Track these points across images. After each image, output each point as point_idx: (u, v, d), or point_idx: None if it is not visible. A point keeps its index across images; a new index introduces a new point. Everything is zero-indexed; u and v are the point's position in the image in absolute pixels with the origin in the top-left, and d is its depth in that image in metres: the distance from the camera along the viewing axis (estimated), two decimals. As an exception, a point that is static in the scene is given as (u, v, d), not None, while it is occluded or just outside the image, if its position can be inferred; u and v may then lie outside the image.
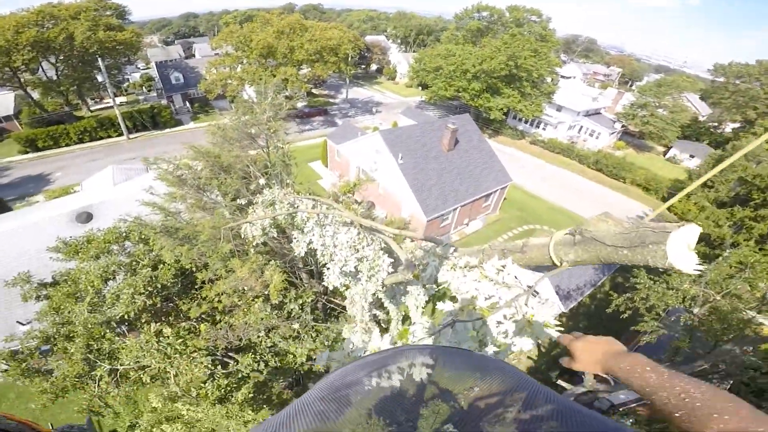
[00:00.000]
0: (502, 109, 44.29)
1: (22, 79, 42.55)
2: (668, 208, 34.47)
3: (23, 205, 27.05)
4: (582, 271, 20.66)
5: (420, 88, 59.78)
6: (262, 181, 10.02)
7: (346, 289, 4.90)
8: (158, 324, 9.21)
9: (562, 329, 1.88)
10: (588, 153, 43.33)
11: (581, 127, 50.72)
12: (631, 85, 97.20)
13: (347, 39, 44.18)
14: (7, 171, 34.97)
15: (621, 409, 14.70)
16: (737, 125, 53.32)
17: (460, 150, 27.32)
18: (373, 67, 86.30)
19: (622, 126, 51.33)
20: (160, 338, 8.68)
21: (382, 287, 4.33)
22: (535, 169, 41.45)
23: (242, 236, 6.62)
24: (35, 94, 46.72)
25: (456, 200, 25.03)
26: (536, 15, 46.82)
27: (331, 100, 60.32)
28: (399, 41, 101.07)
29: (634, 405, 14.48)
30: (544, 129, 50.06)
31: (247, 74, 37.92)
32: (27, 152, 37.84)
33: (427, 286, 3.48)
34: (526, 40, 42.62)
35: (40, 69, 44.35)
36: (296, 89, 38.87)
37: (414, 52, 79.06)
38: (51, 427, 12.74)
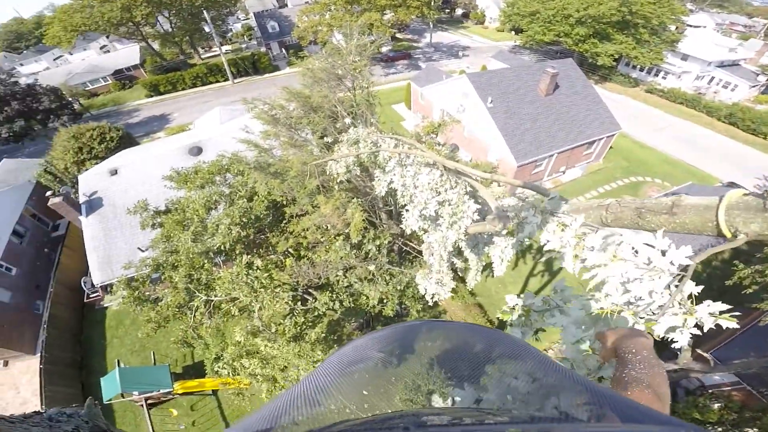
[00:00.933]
0: (612, 55, 39.46)
1: (143, 32, 48.07)
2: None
3: (148, 140, 31.13)
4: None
5: (513, 32, 54.88)
6: (348, 120, 10.02)
7: (424, 233, 4.62)
8: (249, 256, 9.94)
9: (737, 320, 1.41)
10: (719, 105, 36.97)
11: (712, 78, 43.38)
12: (784, 38, 78.50)
13: None
14: (136, 112, 40.96)
15: (711, 391, 13.65)
16: None
17: (560, 95, 24.83)
18: (459, 11, 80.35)
19: (768, 79, 42.48)
20: (249, 271, 9.09)
21: (465, 236, 3.93)
22: (650, 118, 36.50)
23: (327, 173, 6.67)
24: (155, 45, 52.70)
25: (552, 146, 23.27)
26: (651, -44, 39.20)
27: (415, 45, 58.32)
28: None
29: (730, 389, 13.21)
30: (664, 78, 43.87)
31: (335, 20, 38.41)
32: (151, 96, 43.74)
33: (522, 240, 2.92)
34: None
35: (158, 23, 49.55)
36: (381, 33, 38.25)
37: (505, -5, 71.78)
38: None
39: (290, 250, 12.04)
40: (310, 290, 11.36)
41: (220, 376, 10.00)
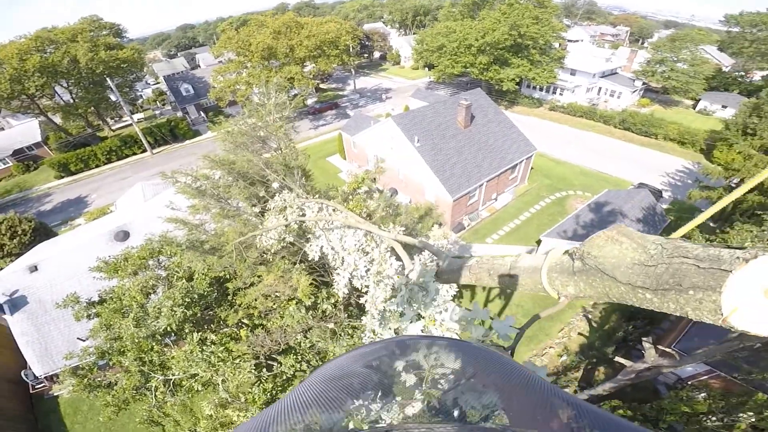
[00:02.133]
0: (514, 79, 43.56)
1: (41, 105, 43.83)
2: (710, 160, 32.47)
3: (67, 229, 28.48)
4: (614, 220, 19.79)
5: (427, 69, 58.84)
6: (275, 185, 10.05)
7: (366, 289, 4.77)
8: (200, 333, 9.58)
9: None
10: (612, 113, 42.00)
11: (600, 88, 49.67)
12: (642, 43, 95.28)
13: (345, 30, 43.92)
14: (48, 197, 36.84)
15: (690, 383, 14.09)
16: (767, 72, 51.78)
17: (477, 125, 26.73)
18: (376, 54, 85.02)
19: (644, 83, 49.66)
20: (204, 347, 9.06)
21: (391, 290, 4.09)
22: (559, 135, 40.35)
23: (259, 246, 6.53)
24: (57, 119, 48.19)
25: (480, 176, 24.59)
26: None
27: (341, 93, 59.98)
28: (397, 26, 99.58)
29: (706, 377, 13.74)
30: (561, 94, 49.00)
31: (253, 78, 38.12)
32: (62, 177, 39.72)
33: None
34: (525, 7, 41.84)
35: (56, 94, 45.30)
36: (303, 86, 38.77)
37: (414, 34, 77.65)
38: None
39: (243, 321, 11.54)
40: (272, 356, 10.90)
41: (198, 452, 9.49)
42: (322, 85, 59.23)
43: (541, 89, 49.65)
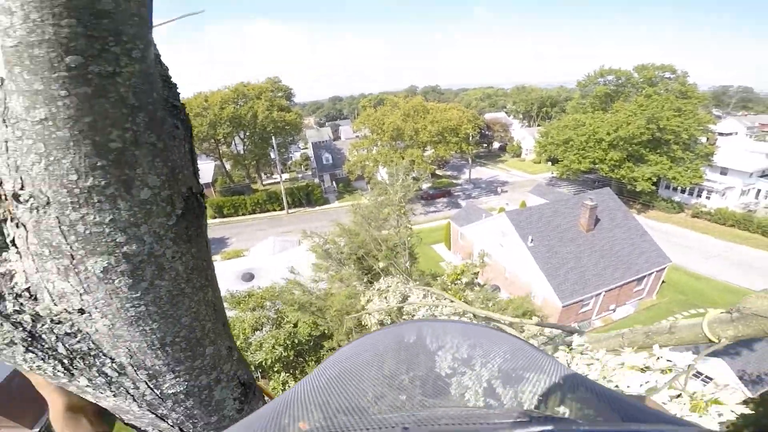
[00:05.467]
0: (650, 178, 38.94)
1: (221, 151, 52.33)
2: None
3: (206, 263, 33.48)
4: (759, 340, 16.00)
5: (549, 163, 56.38)
6: (381, 264, 10.83)
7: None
8: (286, 374, 10.29)
9: None
10: None
11: (759, 191, 40.62)
12: (820, 132, 75.52)
13: (466, 118, 44.94)
14: (200, 233, 44.34)
15: None
16: None
17: (602, 229, 24.79)
18: (496, 145, 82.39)
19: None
20: (285, 388, 9.62)
21: None
22: (701, 246, 34.44)
23: (361, 323, 6.98)
24: (228, 166, 57.08)
25: (599, 285, 22.34)
26: (669, 71, 41.69)
27: (455, 181, 59.76)
28: (521, 116, 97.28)
29: None
30: (708, 198, 41.28)
31: (381, 156, 41.19)
32: (215, 217, 46.77)
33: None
34: (665, 99, 38.42)
35: (233, 143, 53.48)
36: (422, 170, 40.34)
37: (538, 125, 75.06)
38: None
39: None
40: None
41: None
42: (438, 171, 59.73)
43: (683, 191, 42.52)
